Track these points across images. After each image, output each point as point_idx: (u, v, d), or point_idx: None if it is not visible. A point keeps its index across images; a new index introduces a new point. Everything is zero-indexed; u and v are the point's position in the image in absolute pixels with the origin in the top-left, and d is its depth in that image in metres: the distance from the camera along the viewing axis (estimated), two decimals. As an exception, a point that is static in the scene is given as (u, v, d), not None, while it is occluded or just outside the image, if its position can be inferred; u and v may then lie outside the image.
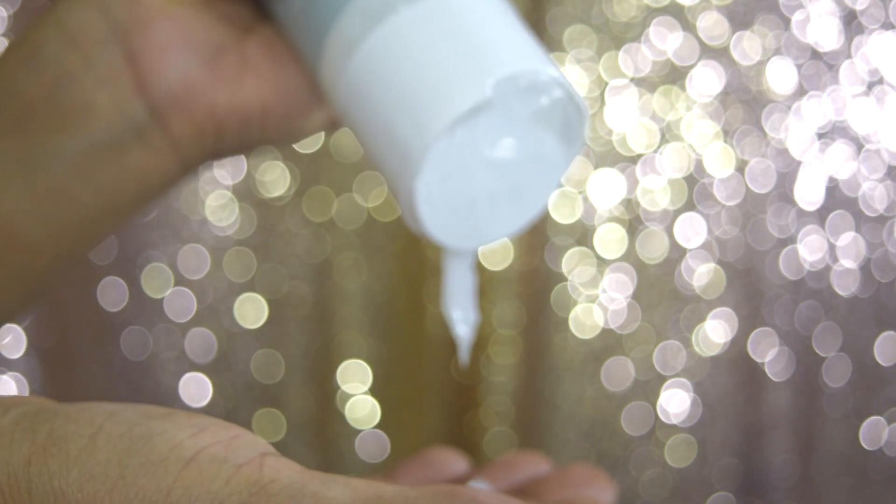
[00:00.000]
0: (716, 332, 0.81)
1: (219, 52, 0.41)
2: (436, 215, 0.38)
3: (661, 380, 0.81)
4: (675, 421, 0.82)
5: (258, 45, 0.42)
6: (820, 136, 0.80)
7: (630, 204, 0.80)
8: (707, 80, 0.79)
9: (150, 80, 0.40)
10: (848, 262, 0.81)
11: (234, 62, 0.42)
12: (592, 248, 0.80)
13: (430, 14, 0.38)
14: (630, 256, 0.80)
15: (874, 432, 0.83)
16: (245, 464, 0.28)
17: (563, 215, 0.80)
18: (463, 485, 0.35)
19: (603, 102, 0.79)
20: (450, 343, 0.80)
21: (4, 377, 0.77)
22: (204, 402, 0.80)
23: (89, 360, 0.79)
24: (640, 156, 0.79)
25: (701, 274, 0.81)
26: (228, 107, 0.41)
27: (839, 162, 0.80)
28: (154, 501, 0.27)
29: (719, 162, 0.80)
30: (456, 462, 0.42)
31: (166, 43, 0.41)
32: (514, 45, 0.38)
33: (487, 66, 0.37)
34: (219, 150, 0.43)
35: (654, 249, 0.80)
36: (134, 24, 0.40)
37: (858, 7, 0.78)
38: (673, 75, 0.78)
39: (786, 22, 0.78)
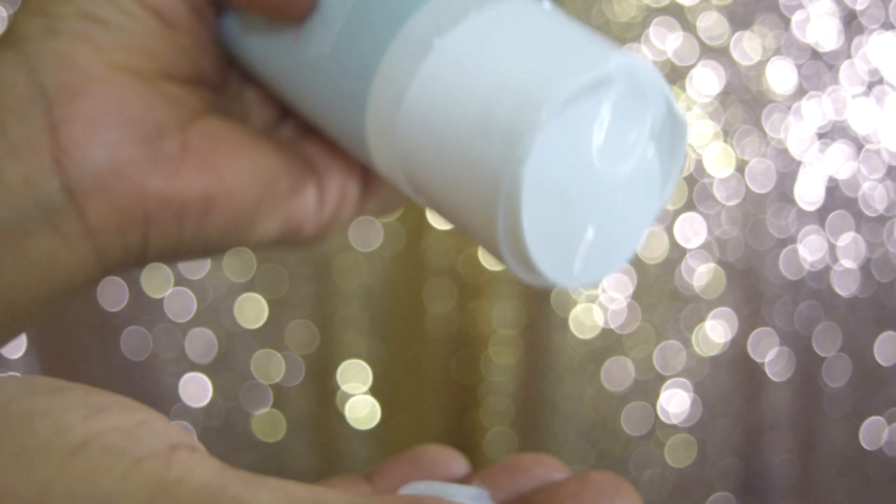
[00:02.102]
0: (716, 332, 0.81)
1: (157, 133, 0.36)
2: (542, 243, 0.31)
3: (661, 380, 0.81)
4: (675, 421, 0.82)
5: (204, 133, 0.37)
6: (820, 136, 0.80)
7: (630, 204, 0.80)
8: (707, 80, 0.79)
9: (69, 153, 0.34)
10: (848, 263, 0.81)
11: (174, 146, 0.36)
12: (592, 248, 0.80)
13: (523, 12, 0.32)
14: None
15: (874, 432, 0.83)
16: (148, 457, 0.22)
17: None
18: (456, 485, 0.32)
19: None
20: (450, 343, 0.80)
21: (4, 377, 0.77)
22: (204, 402, 0.80)
23: (89, 360, 0.79)
24: (640, 156, 0.79)
25: (701, 274, 0.81)
26: (161, 195, 0.35)
27: (839, 162, 0.80)
28: (26, 501, 0.22)
29: (719, 162, 0.80)
30: (451, 462, 0.34)
31: (97, 114, 0.34)
32: (613, 46, 0.31)
33: (599, 51, 0.30)
34: (145, 249, 0.36)
35: (654, 249, 0.80)
36: (62, 90, 0.34)
37: (858, 7, 0.78)
38: (673, 75, 0.78)
39: (786, 22, 0.78)
